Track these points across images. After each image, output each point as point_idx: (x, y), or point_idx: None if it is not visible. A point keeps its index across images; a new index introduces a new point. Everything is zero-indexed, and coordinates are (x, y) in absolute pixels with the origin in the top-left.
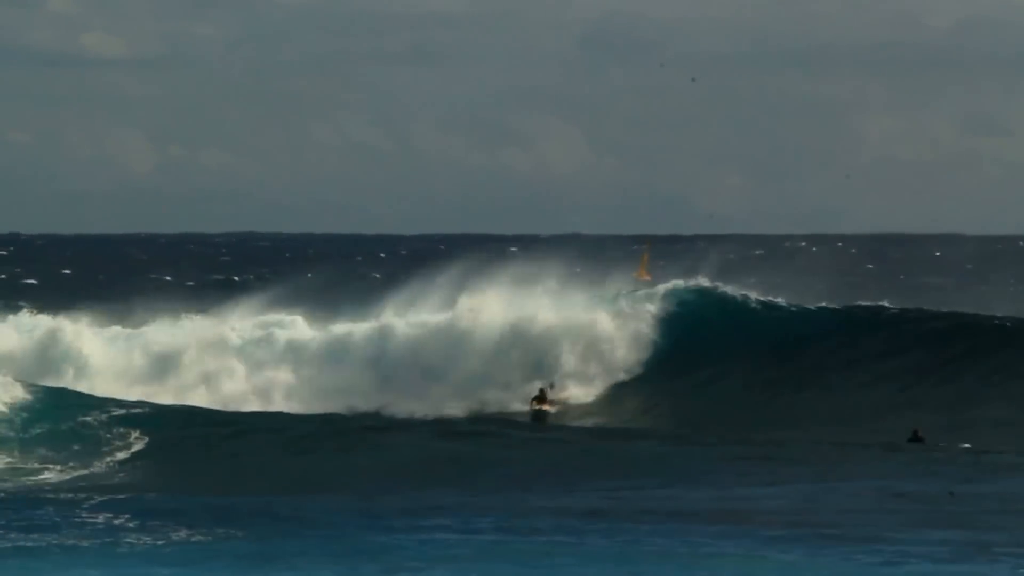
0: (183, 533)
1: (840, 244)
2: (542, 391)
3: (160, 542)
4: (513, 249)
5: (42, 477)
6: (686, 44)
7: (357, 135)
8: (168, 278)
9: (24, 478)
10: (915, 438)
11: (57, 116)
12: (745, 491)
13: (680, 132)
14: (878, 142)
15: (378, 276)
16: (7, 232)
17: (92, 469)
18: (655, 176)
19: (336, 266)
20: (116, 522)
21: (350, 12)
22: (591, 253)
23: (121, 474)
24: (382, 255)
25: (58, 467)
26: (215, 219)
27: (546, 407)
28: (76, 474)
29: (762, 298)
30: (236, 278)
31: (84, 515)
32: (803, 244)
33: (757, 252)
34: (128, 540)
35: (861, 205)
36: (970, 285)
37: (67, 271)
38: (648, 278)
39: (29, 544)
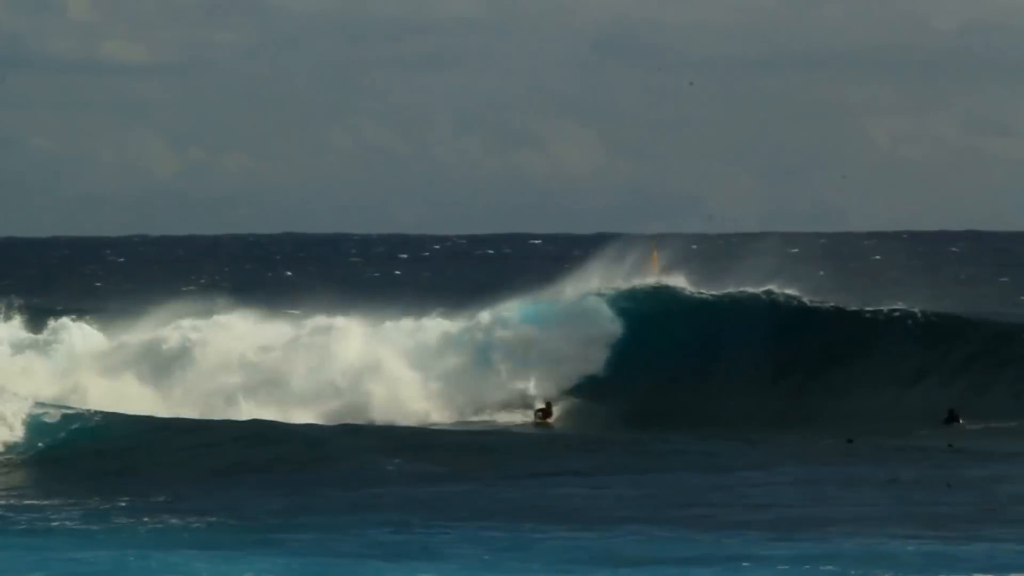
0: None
1: (867, 243)
2: (548, 404)
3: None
4: (576, 253)
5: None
6: (697, 48)
7: (374, 138)
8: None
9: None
10: (951, 418)
11: (79, 121)
12: (744, 481)
13: (692, 134)
14: (886, 142)
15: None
16: (48, 236)
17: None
18: (669, 177)
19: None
20: (120, 510)
21: (365, 18)
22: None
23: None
24: (426, 254)
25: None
26: (237, 221)
27: (549, 421)
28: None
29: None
30: (289, 273)
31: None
32: (822, 242)
33: (793, 250)
34: (129, 524)
35: (872, 203)
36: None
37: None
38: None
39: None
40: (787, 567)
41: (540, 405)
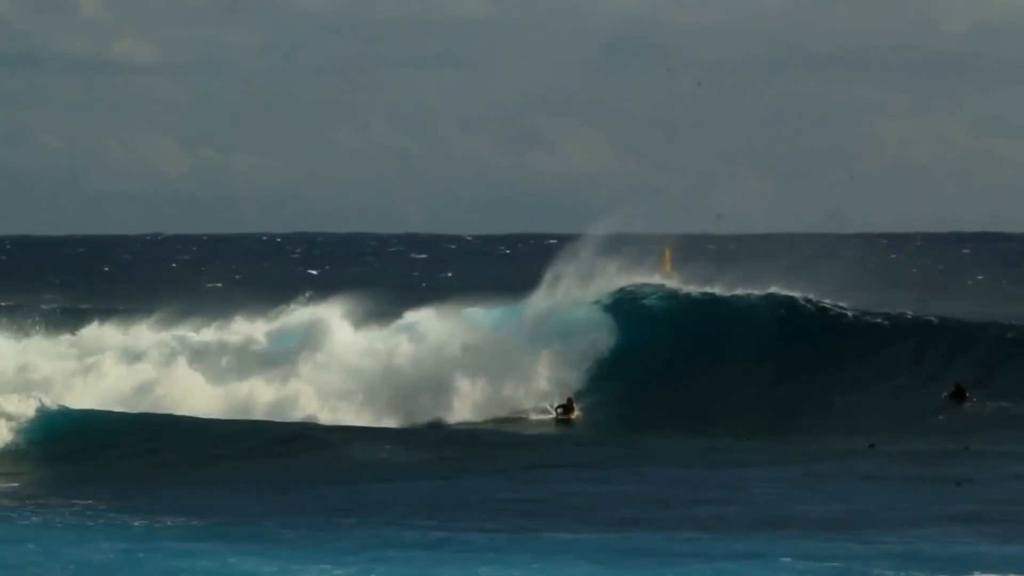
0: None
1: (886, 242)
2: (570, 400)
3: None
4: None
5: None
6: (705, 49)
7: (385, 138)
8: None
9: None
10: (958, 394)
11: (90, 120)
12: (748, 479)
13: (700, 135)
14: (894, 144)
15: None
16: (63, 234)
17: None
18: (678, 177)
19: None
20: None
21: (376, 19)
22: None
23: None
24: (453, 247)
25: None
26: (247, 221)
27: (572, 416)
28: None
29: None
30: (314, 272)
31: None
32: (831, 243)
33: (801, 252)
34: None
35: (881, 205)
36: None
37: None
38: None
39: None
40: (789, 560)
41: (560, 401)
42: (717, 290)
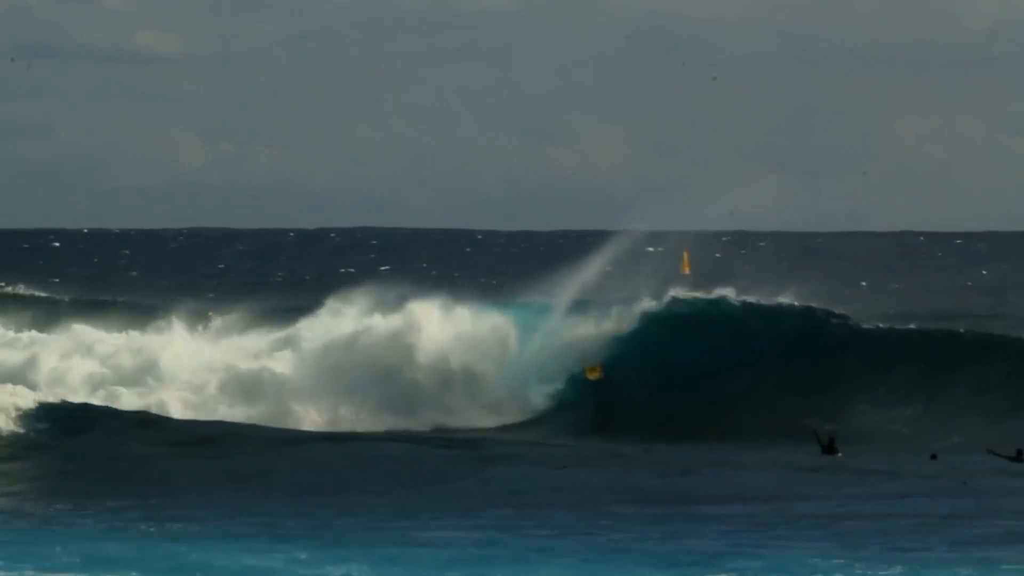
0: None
1: (923, 239)
2: (601, 367)
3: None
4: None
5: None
6: (726, 45)
7: (405, 133)
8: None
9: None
10: None
11: (110, 112)
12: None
13: (719, 131)
14: (912, 141)
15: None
16: (93, 228)
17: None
18: (697, 174)
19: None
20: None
21: (397, 12)
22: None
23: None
24: (475, 248)
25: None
26: (268, 215)
27: (600, 373)
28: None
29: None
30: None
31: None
32: (846, 241)
33: (814, 251)
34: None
35: (897, 203)
36: None
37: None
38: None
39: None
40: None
41: (591, 363)
42: (745, 298)
